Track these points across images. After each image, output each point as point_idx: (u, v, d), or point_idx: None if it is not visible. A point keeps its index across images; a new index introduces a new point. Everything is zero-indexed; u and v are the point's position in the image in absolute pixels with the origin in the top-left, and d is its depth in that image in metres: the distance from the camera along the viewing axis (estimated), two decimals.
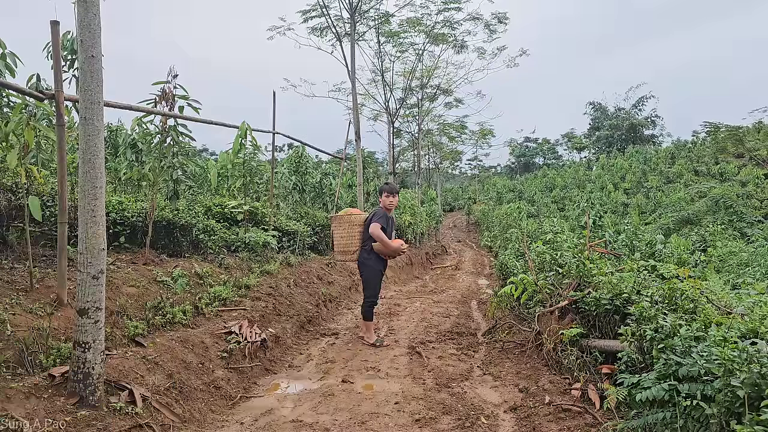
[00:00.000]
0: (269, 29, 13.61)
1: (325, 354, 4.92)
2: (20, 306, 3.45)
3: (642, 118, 46.46)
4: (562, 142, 53.98)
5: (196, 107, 5.38)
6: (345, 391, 3.85)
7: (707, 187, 19.10)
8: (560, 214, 21.94)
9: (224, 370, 4.01)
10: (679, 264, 7.98)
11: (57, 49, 3.77)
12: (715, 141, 24.94)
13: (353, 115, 11.60)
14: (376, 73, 16.90)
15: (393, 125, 17.70)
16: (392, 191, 5.32)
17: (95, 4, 2.94)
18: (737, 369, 2.32)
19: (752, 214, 15.64)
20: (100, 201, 2.97)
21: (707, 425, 2.37)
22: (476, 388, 3.93)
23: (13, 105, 4.26)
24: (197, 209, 6.79)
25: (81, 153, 2.92)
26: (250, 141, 7.46)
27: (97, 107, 2.94)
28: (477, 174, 50.67)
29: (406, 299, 8.29)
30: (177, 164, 5.46)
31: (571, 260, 4.89)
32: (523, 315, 5.29)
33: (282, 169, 12.64)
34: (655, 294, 3.64)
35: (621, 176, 28.56)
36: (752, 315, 3.20)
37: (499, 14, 16.10)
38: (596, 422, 3.04)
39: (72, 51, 4.50)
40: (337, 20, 12.86)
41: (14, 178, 4.41)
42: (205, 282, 5.26)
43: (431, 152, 31.85)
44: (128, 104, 4.64)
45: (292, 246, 7.78)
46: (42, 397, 2.80)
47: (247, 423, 3.31)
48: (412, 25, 15.92)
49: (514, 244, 10.15)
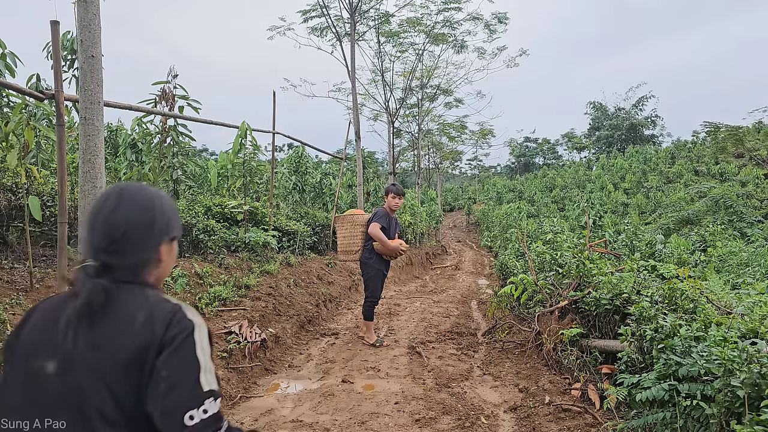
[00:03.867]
0: (269, 29, 13.60)
1: (325, 354, 4.92)
2: (20, 306, 3.45)
3: (642, 118, 46.50)
4: (562, 142, 54.00)
5: (196, 107, 5.39)
6: (345, 391, 3.85)
7: (707, 187, 19.10)
8: (560, 214, 21.94)
9: (224, 370, 4.01)
10: (679, 264, 7.98)
11: (57, 49, 3.77)
12: (715, 141, 24.95)
13: (353, 115, 11.60)
14: (376, 73, 16.90)
15: (393, 125, 17.69)
16: (399, 192, 5.33)
17: (95, 4, 2.94)
18: (737, 369, 2.32)
19: (752, 214, 15.64)
20: None
21: (707, 425, 2.37)
22: (476, 388, 3.93)
23: (13, 105, 4.26)
24: (197, 209, 6.79)
25: (81, 153, 2.92)
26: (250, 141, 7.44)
27: (97, 107, 2.94)
28: (477, 174, 50.68)
29: (406, 299, 8.29)
30: (177, 164, 5.46)
31: (571, 260, 4.89)
32: (523, 315, 5.29)
33: (282, 169, 12.65)
34: (655, 294, 3.64)
35: (621, 176, 28.56)
36: (752, 315, 3.20)
37: (499, 14, 16.10)
38: (596, 422, 3.04)
39: (72, 51, 4.50)
40: (337, 20, 12.86)
41: (14, 178, 4.41)
42: (205, 282, 5.26)
43: (431, 152, 31.82)
44: (128, 104, 4.64)
45: (292, 246, 7.78)
46: None
47: (247, 423, 3.31)
48: (412, 25, 15.92)
49: (514, 244, 10.16)
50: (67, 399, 0.99)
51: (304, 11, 13.54)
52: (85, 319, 1.01)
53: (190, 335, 1.02)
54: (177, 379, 0.98)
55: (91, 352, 1.00)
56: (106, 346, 1.00)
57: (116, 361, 0.98)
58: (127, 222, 1.06)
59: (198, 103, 5.36)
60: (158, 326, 1.00)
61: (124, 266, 1.06)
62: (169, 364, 0.98)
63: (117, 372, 0.98)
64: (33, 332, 1.05)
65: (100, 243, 1.05)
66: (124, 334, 1.00)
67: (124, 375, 0.98)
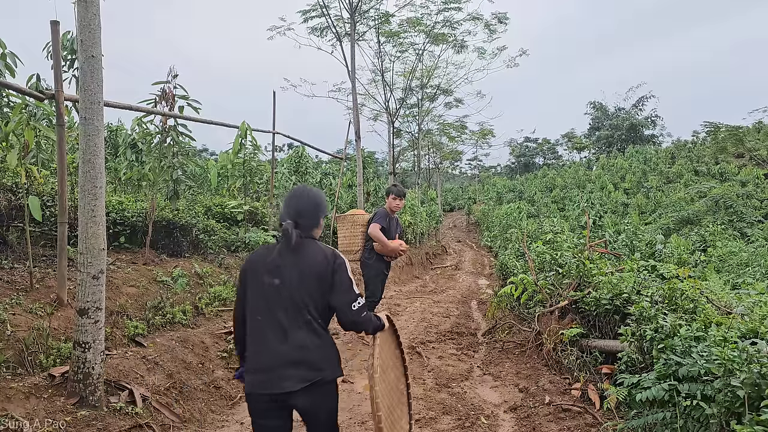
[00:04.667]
0: (269, 29, 13.61)
1: None
2: (20, 306, 3.45)
3: (642, 118, 46.47)
4: (562, 142, 53.95)
5: (196, 107, 5.38)
6: (345, 391, 3.85)
7: (707, 187, 19.10)
8: (560, 214, 21.92)
9: (224, 370, 4.01)
10: (679, 264, 7.97)
11: (57, 49, 3.77)
12: (715, 141, 24.92)
13: (353, 115, 11.59)
14: (376, 73, 16.90)
15: (393, 125, 17.69)
16: (399, 194, 5.29)
17: (95, 4, 2.94)
18: (737, 369, 2.31)
19: (752, 214, 15.64)
20: (100, 201, 2.97)
21: (707, 425, 2.37)
22: (476, 388, 3.93)
23: (13, 105, 4.26)
24: (197, 209, 6.79)
25: (81, 153, 2.92)
26: (250, 141, 7.46)
27: (97, 107, 2.94)
28: (477, 174, 50.69)
29: (406, 299, 8.29)
30: (177, 164, 5.46)
31: (571, 260, 4.89)
32: (523, 315, 5.29)
33: (282, 169, 12.65)
34: (655, 294, 3.64)
35: (621, 176, 28.54)
36: (752, 315, 3.19)
37: (499, 14, 16.10)
38: (596, 422, 3.04)
39: (72, 51, 4.50)
40: (337, 20, 12.86)
41: (14, 178, 4.41)
42: (205, 282, 5.26)
43: (431, 152, 31.83)
44: (128, 104, 4.64)
45: None
46: (42, 397, 2.80)
47: (247, 423, 3.31)
48: (412, 25, 15.91)
49: (514, 244, 10.15)
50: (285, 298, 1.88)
51: (304, 11, 13.54)
52: (291, 252, 1.92)
53: (343, 263, 1.97)
54: (344, 287, 1.92)
55: (296, 271, 1.90)
56: (304, 268, 1.90)
57: (311, 276, 1.90)
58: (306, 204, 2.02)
59: (198, 103, 5.36)
60: (330, 259, 1.94)
61: (304, 226, 1.98)
62: (339, 279, 1.92)
63: (311, 281, 1.89)
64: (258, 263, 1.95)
65: (294, 213, 1.98)
66: (313, 262, 1.91)
67: (316, 283, 1.90)
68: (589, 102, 49.75)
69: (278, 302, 1.88)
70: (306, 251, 1.93)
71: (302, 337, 1.87)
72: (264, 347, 1.87)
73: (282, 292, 1.88)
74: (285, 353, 1.85)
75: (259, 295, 1.91)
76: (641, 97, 46.58)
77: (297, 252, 1.92)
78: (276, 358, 1.85)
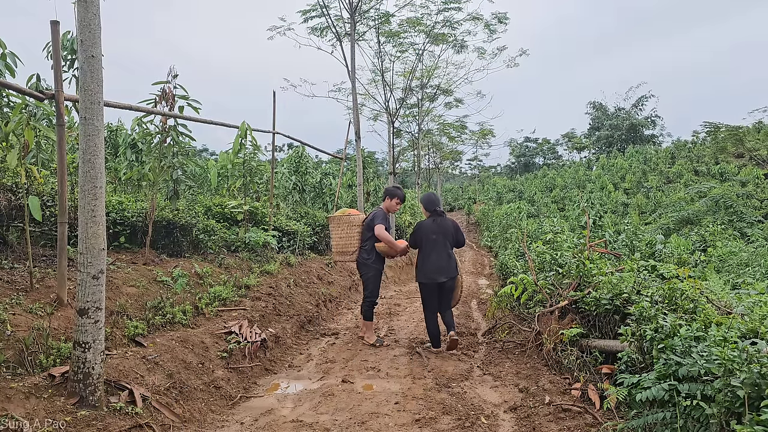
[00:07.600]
0: (269, 29, 13.56)
1: (325, 354, 4.92)
2: (20, 306, 3.45)
3: (642, 118, 46.47)
4: (562, 142, 53.95)
5: (196, 107, 5.38)
6: (345, 391, 3.85)
7: (707, 187, 19.09)
8: (560, 214, 21.91)
9: (224, 370, 4.01)
10: (679, 264, 7.97)
11: (57, 49, 3.77)
12: (715, 141, 24.93)
13: (353, 115, 11.58)
14: (376, 73, 16.86)
15: (393, 125, 17.66)
16: (403, 199, 5.49)
17: (95, 4, 2.94)
18: (737, 369, 2.31)
19: (752, 214, 15.64)
20: (100, 201, 2.97)
21: (707, 425, 2.37)
22: (476, 388, 3.93)
23: (13, 105, 4.26)
24: (197, 209, 6.79)
25: (81, 153, 2.92)
26: (250, 141, 7.44)
27: (97, 107, 2.94)
28: (477, 174, 50.70)
29: (406, 299, 8.29)
30: (177, 164, 5.46)
31: (571, 260, 4.89)
32: (523, 315, 5.29)
33: (282, 169, 12.65)
34: (655, 294, 3.64)
35: (621, 176, 28.54)
36: (752, 315, 3.20)
37: (499, 14, 16.04)
38: (596, 422, 3.04)
39: (72, 51, 4.50)
40: (337, 20, 12.84)
41: (14, 178, 4.41)
42: (205, 282, 5.26)
43: (431, 152, 31.83)
44: (128, 104, 4.63)
45: (292, 246, 7.78)
46: (42, 397, 2.80)
47: (247, 423, 3.31)
48: (412, 25, 15.88)
49: (514, 244, 10.16)
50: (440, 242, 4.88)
51: (304, 11, 13.52)
52: (439, 220, 4.96)
53: (458, 224, 5.11)
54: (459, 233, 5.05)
55: (441, 227, 4.93)
56: (445, 226, 4.95)
57: (449, 229, 4.96)
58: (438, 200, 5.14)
59: (198, 103, 5.36)
60: (455, 224, 5.07)
61: (439, 212, 5.00)
62: (458, 232, 5.03)
63: (449, 231, 4.95)
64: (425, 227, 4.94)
65: (437, 204, 5.04)
66: (448, 225, 4.98)
67: (452, 232, 4.97)
68: (589, 102, 49.82)
69: (436, 242, 4.84)
70: (444, 220, 4.98)
71: (445, 257, 4.83)
72: (430, 261, 4.81)
73: (438, 239, 4.85)
74: (439, 264, 4.80)
75: (428, 240, 4.85)
76: (641, 97, 46.62)
77: (441, 221, 4.94)
78: (436, 266, 4.79)
